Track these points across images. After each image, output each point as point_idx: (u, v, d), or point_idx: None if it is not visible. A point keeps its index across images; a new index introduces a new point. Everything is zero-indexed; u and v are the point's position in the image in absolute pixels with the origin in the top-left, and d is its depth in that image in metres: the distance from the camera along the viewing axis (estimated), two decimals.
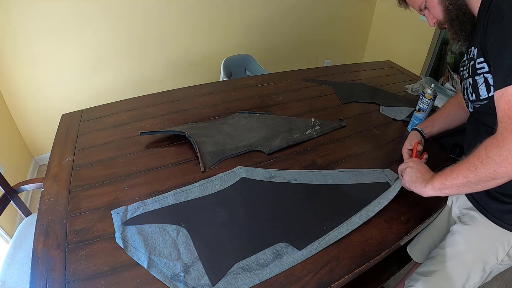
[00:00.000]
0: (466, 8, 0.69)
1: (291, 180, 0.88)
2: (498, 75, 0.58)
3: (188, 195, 0.81)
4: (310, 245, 0.70)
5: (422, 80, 1.55)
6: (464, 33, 0.71)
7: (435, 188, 0.69)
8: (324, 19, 2.75)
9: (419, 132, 0.97)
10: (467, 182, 0.61)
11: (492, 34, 0.59)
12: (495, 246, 0.73)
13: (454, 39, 0.73)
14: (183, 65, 2.28)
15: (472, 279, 0.76)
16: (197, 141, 0.98)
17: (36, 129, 1.99)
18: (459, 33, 0.71)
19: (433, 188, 0.69)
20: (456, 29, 0.71)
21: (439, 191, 0.69)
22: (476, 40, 0.67)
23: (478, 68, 0.66)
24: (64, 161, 0.92)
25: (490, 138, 0.58)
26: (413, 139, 0.94)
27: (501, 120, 0.57)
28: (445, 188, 0.67)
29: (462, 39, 0.72)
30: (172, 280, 0.61)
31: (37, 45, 1.74)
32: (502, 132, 0.56)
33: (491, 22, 0.59)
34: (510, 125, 0.55)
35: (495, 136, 0.57)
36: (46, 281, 0.59)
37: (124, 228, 0.71)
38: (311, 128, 1.12)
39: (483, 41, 0.63)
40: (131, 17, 1.93)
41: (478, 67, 0.66)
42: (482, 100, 0.67)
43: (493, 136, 0.58)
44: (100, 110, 1.18)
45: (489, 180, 0.58)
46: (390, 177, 0.92)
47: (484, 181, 0.59)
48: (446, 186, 0.66)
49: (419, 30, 2.60)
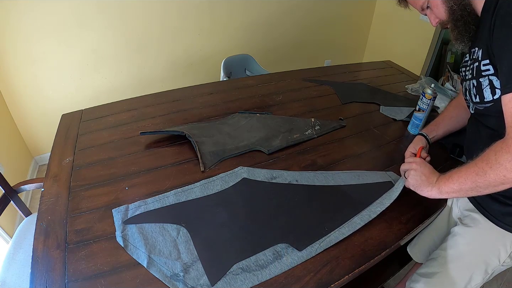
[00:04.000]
0: (470, 8, 0.67)
1: (292, 181, 0.88)
2: (507, 79, 0.57)
3: (189, 194, 0.81)
4: (311, 246, 0.70)
5: (422, 80, 1.55)
6: (468, 34, 0.69)
7: (442, 192, 0.68)
8: (324, 19, 2.75)
9: (425, 137, 0.94)
10: (475, 186, 0.60)
11: (499, 37, 0.58)
12: (497, 248, 0.72)
13: (457, 39, 0.71)
14: (183, 65, 2.28)
15: (474, 281, 0.76)
16: (197, 141, 0.98)
17: (36, 129, 1.99)
18: (463, 34, 0.69)
19: (440, 192, 0.68)
20: (460, 30, 0.69)
21: (447, 194, 0.68)
22: (480, 41, 0.66)
23: (483, 70, 0.65)
24: (64, 161, 0.92)
25: (499, 142, 0.57)
26: (418, 144, 0.92)
27: (509, 125, 0.57)
28: (452, 192, 0.66)
29: (466, 40, 0.70)
30: (171, 279, 0.61)
31: (37, 45, 1.74)
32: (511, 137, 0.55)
33: (498, 25, 0.58)
34: None
35: (504, 141, 0.56)
36: (46, 281, 0.59)
37: (125, 227, 0.71)
38: (311, 128, 1.12)
39: (489, 43, 0.61)
40: (131, 17, 1.93)
41: (483, 69, 0.65)
42: (486, 102, 0.66)
43: (503, 141, 0.57)
44: (100, 110, 1.18)
45: (498, 185, 0.57)
46: (392, 177, 0.91)
47: (492, 186, 0.58)
48: (454, 190, 0.65)
49: (419, 30, 2.60)
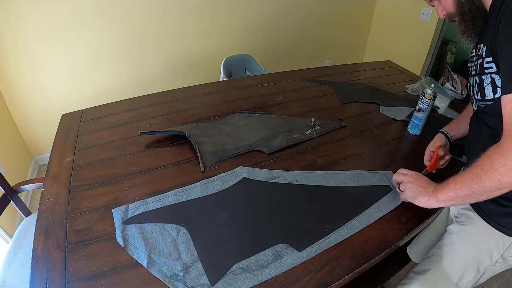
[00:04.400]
0: (479, 2, 0.65)
1: (292, 181, 0.88)
2: (507, 79, 0.56)
3: (189, 194, 0.81)
4: (310, 246, 0.70)
5: (422, 80, 1.55)
6: (475, 29, 0.67)
7: (439, 200, 0.68)
8: (324, 19, 2.75)
9: (445, 135, 0.94)
10: (471, 193, 0.60)
11: (503, 35, 0.57)
12: (490, 248, 0.72)
13: (464, 33, 0.70)
14: (183, 65, 2.28)
15: (466, 278, 0.76)
16: (197, 141, 0.98)
17: (36, 129, 1.99)
18: (470, 28, 0.68)
19: (438, 200, 0.68)
20: (467, 24, 0.67)
21: (444, 202, 0.67)
22: (486, 38, 0.64)
23: (486, 68, 0.64)
24: (64, 161, 0.92)
25: (494, 147, 0.57)
26: (437, 142, 0.92)
27: (506, 127, 0.56)
28: (449, 200, 0.66)
29: (473, 34, 0.68)
30: (171, 279, 0.61)
31: (37, 45, 1.74)
32: (506, 141, 0.54)
33: (503, 24, 0.57)
34: None
35: (499, 145, 0.55)
36: (46, 281, 0.59)
37: (125, 227, 0.71)
38: (311, 128, 1.12)
39: (493, 41, 0.60)
40: (131, 17, 1.93)
41: (486, 66, 0.64)
42: (487, 100, 0.66)
43: (497, 145, 0.56)
44: (100, 110, 1.18)
45: (493, 190, 0.57)
46: (391, 180, 0.91)
47: (488, 191, 0.57)
48: (450, 198, 0.65)
49: (419, 30, 2.60)
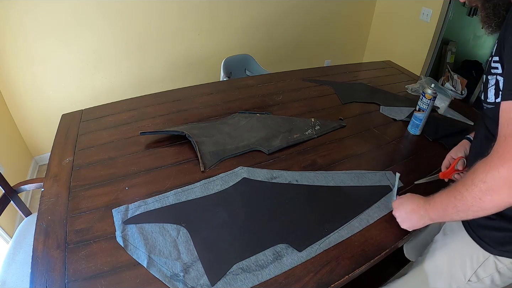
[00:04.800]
0: None
1: (292, 181, 0.88)
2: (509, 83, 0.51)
3: (189, 194, 0.81)
4: (310, 246, 0.70)
5: (422, 80, 1.55)
6: (496, 19, 0.61)
7: (432, 219, 0.64)
8: (324, 19, 2.75)
9: (470, 141, 0.84)
10: (456, 211, 0.55)
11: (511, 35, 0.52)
12: (464, 260, 0.69)
13: (484, 22, 0.64)
14: (183, 65, 2.28)
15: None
16: (197, 141, 0.98)
17: (36, 129, 1.99)
18: (491, 17, 0.61)
19: (431, 219, 0.65)
20: (488, 12, 0.62)
21: (436, 219, 0.64)
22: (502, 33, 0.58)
23: (493, 68, 0.58)
24: (64, 161, 0.92)
25: (480, 162, 0.51)
26: (460, 151, 0.84)
27: (498, 138, 0.50)
28: (439, 218, 0.62)
29: (494, 25, 0.62)
30: (171, 279, 0.61)
31: (37, 45, 1.74)
32: (492, 155, 0.49)
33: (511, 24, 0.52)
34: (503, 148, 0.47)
35: (485, 159, 0.50)
36: (46, 281, 0.59)
37: (125, 227, 0.71)
38: (311, 128, 1.12)
39: (502, 36, 0.55)
40: (131, 17, 1.93)
41: (492, 66, 0.58)
42: (488, 103, 0.61)
43: (484, 159, 0.51)
44: (100, 110, 1.18)
45: (477, 211, 0.51)
46: (391, 180, 0.92)
47: (472, 210, 0.52)
48: (440, 216, 0.62)
49: (419, 30, 2.60)
